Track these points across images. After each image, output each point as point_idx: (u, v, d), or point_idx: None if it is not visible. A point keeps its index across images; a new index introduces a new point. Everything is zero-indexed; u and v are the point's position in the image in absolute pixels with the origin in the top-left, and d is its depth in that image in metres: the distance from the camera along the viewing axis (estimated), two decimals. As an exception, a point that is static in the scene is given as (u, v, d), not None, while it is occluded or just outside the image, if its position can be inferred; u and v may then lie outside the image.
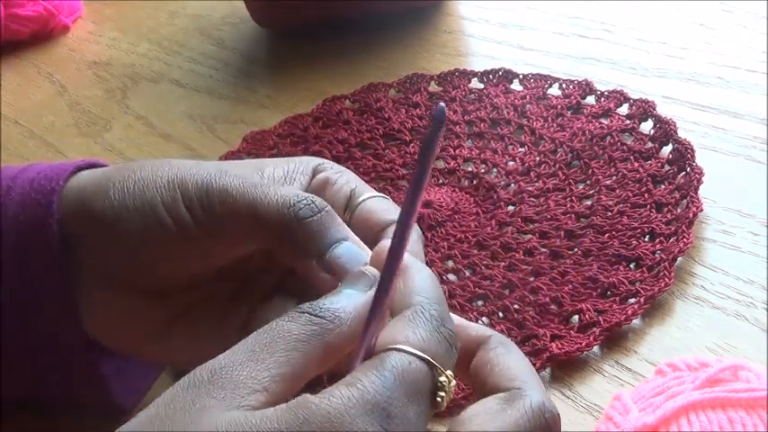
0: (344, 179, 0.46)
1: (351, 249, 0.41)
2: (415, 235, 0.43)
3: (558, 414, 0.35)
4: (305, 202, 0.42)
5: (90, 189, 0.45)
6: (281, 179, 0.45)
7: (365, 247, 0.42)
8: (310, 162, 0.47)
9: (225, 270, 0.46)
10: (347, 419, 0.31)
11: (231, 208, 0.42)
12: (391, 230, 0.41)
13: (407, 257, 0.37)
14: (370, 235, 0.44)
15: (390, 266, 0.35)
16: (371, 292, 0.36)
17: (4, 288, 0.45)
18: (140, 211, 0.43)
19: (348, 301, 0.36)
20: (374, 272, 0.38)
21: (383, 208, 0.45)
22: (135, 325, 0.45)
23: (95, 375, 0.48)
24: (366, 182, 0.64)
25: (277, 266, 0.46)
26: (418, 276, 0.37)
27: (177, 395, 0.32)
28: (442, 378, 0.34)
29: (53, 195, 0.45)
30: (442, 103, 0.33)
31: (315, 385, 0.35)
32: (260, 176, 0.45)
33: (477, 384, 0.37)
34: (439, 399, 0.33)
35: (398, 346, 0.34)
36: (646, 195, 0.58)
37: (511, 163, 0.64)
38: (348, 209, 0.45)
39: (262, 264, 0.46)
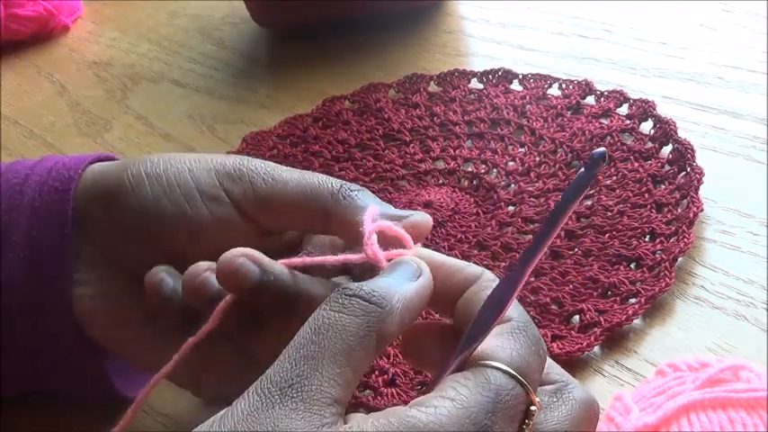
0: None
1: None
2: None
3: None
4: (347, 185, 0.44)
5: (109, 170, 0.46)
6: None
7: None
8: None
9: None
10: None
11: (274, 189, 0.44)
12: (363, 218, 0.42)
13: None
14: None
15: (515, 280, 0.36)
16: (420, 282, 0.37)
17: (11, 274, 0.45)
18: (165, 178, 0.44)
19: (396, 287, 0.36)
20: (418, 261, 0.38)
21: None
22: (119, 310, 0.46)
23: (99, 369, 0.48)
24: (366, 182, 0.65)
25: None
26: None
27: (250, 411, 0.32)
28: (533, 407, 0.34)
29: (71, 183, 0.45)
30: (603, 148, 0.33)
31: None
32: None
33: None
34: (524, 426, 0.34)
35: (503, 366, 0.34)
36: (646, 195, 0.58)
37: (511, 163, 0.64)
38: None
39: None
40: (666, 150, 0.62)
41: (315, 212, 0.44)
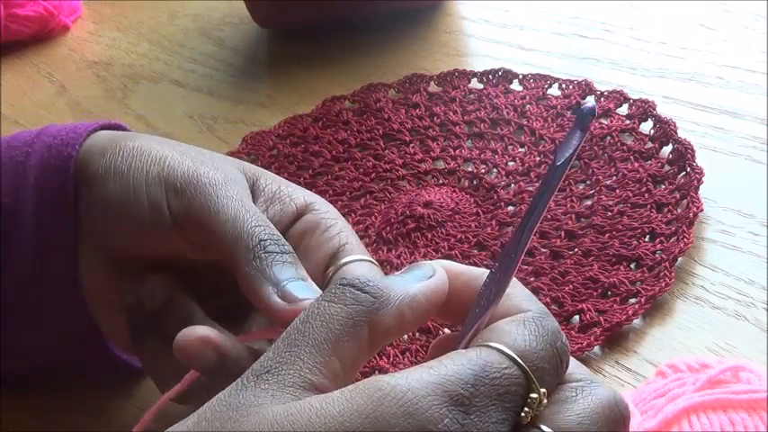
0: (337, 229, 0.44)
1: (308, 286, 0.40)
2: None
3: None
4: (274, 239, 0.41)
5: (98, 149, 0.46)
6: (271, 195, 0.45)
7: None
8: (302, 197, 0.46)
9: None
10: (423, 405, 0.29)
11: (207, 218, 0.42)
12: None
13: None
14: None
15: (510, 255, 0.32)
16: (429, 281, 0.34)
17: (22, 252, 0.46)
18: (125, 176, 0.44)
19: (397, 284, 0.33)
20: (434, 264, 0.35)
21: None
22: (108, 298, 0.46)
23: (105, 349, 0.49)
24: (366, 182, 0.65)
25: None
26: (524, 289, 0.35)
27: (223, 398, 0.30)
28: (534, 395, 0.31)
29: (69, 162, 0.46)
30: (592, 102, 0.31)
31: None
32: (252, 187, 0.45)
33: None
34: (523, 414, 0.30)
35: (499, 346, 0.31)
36: (646, 195, 0.58)
37: (511, 163, 0.64)
38: (333, 266, 0.43)
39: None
40: (666, 150, 0.62)
41: (230, 262, 0.42)
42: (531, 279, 0.54)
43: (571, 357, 0.33)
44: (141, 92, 0.85)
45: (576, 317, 0.52)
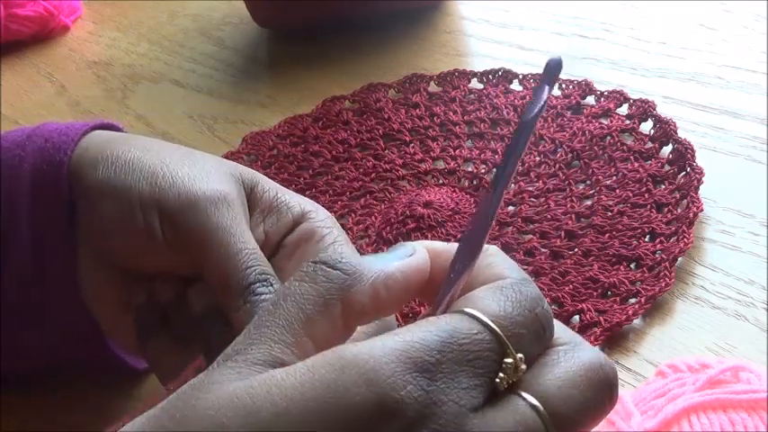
0: (332, 238, 0.44)
1: None
2: None
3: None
4: (262, 279, 0.41)
5: (85, 162, 0.46)
6: (267, 205, 0.45)
7: None
8: (301, 204, 0.46)
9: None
10: (384, 372, 0.28)
11: (201, 248, 0.42)
12: None
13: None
14: None
15: (484, 218, 0.31)
16: (408, 260, 0.33)
17: (18, 260, 0.46)
18: (119, 190, 0.44)
19: (373, 263, 0.32)
20: (414, 244, 0.34)
21: None
22: (110, 298, 0.46)
23: (106, 349, 0.49)
24: (366, 182, 0.65)
25: None
26: (506, 258, 0.34)
27: (192, 382, 0.30)
28: (509, 360, 0.30)
29: (62, 167, 0.46)
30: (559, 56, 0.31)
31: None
32: (248, 193, 0.45)
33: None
34: (498, 380, 0.29)
35: (471, 311, 0.30)
36: (646, 195, 0.58)
37: (511, 163, 0.64)
38: None
39: None
40: (666, 150, 0.62)
41: (220, 295, 0.42)
42: (531, 279, 0.54)
43: (557, 321, 0.32)
44: (141, 92, 0.85)
45: (576, 317, 0.52)
